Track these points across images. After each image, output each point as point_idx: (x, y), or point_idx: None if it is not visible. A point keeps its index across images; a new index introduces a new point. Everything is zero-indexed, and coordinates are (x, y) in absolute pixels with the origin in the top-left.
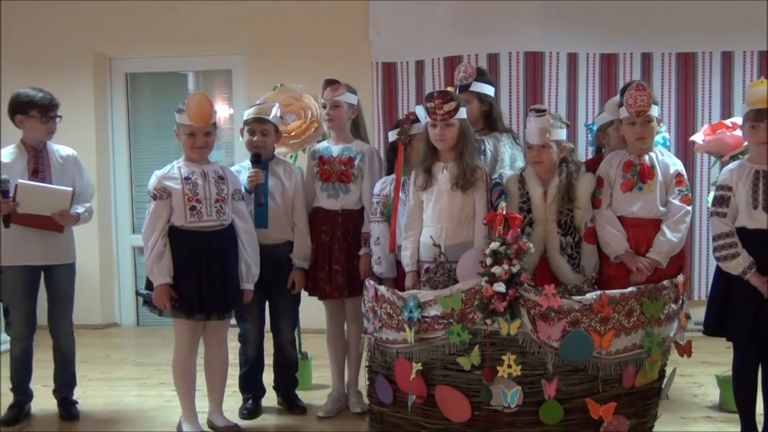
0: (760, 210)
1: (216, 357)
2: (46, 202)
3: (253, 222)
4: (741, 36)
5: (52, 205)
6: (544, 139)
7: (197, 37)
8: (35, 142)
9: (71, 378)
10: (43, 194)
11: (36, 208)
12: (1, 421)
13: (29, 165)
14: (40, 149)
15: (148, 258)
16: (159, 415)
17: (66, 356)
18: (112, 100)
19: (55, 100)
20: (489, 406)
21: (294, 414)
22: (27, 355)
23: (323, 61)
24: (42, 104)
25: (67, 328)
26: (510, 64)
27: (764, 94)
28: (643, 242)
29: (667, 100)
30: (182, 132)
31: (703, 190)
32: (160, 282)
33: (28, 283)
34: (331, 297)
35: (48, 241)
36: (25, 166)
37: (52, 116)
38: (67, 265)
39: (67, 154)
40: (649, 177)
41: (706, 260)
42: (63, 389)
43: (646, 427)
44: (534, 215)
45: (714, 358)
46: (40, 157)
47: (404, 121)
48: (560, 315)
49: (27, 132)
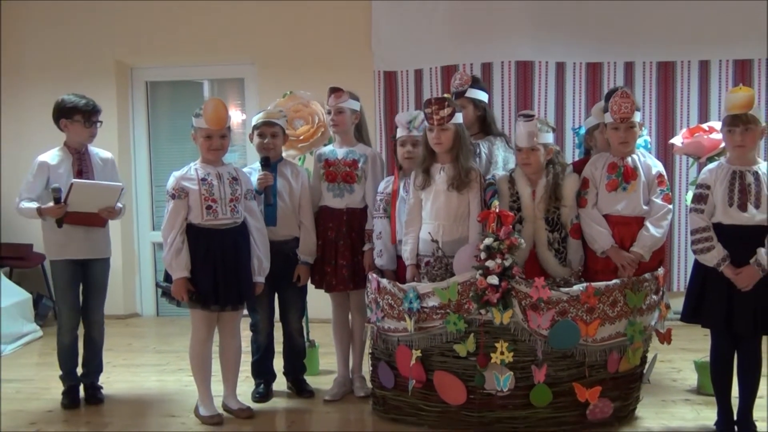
0: (735, 207)
1: (230, 345)
2: (96, 198)
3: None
4: (717, 46)
5: (101, 201)
6: (532, 142)
7: (212, 48)
8: (78, 144)
9: (99, 365)
10: (97, 191)
11: (85, 206)
12: (63, 405)
13: (74, 166)
14: (82, 152)
15: (168, 253)
16: (177, 399)
17: (96, 345)
18: (133, 106)
19: (97, 106)
20: (483, 390)
21: (302, 397)
22: (74, 344)
23: (329, 70)
24: (85, 110)
25: (99, 319)
26: (502, 72)
27: (741, 100)
28: (627, 238)
29: (648, 105)
30: (199, 135)
31: (682, 189)
32: (178, 276)
33: (72, 277)
34: (336, 289)
35: (89, 236)
36: (70, 167)
37: (94, 121)
38: (104, 260)
39: (106, 157)
40: (632, 178)
41: (684, 254)
42: (90, 375)
43: (629, 409)
44: (523, 213)
45: (692, 345)
46: (83, 159)
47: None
48: (549, 305)
49: (71, 135)
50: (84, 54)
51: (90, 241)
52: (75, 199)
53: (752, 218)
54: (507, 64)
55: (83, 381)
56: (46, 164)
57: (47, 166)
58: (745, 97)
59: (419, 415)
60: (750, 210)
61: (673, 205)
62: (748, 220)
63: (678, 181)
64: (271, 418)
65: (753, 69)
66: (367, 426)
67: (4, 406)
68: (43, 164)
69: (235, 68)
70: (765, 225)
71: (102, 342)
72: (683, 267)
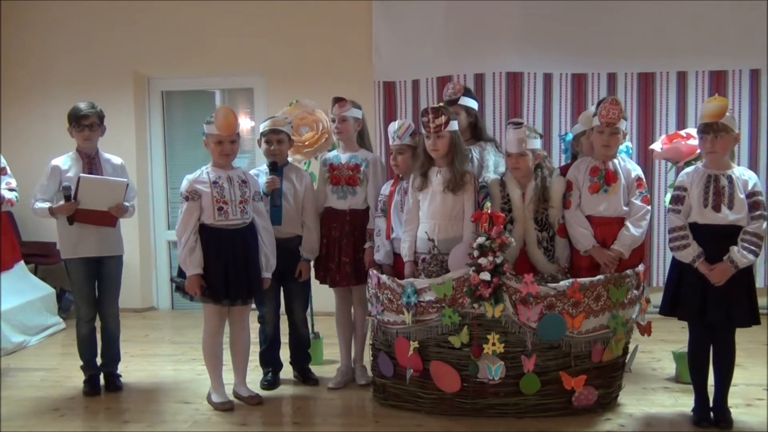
0: (709, 208)
1: (240, 336)
2: (104, 195)
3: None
4: (693, 58)
5: (109, 197)
6: (521, 148)
7: (224, 60)
8: (88, 149)
9: (116, 355)
10: (103, 186)
11: (95, 202)
12: (84, 392)
13: (83, 170)
14: (93, 156)
15: (182, 251)
16: (191, 387)
17: (112, 336)
18: (150, 114)
19: (81, 111)
20: (476, 379)
21: (307, 385)
22: (92, 335)
23: (332, 81)
24: (73, 115)
25: (114, 311)
26: (494, 82)
27: (713, 110)
28: (609, 237)
29: (630, 113)
30: (211, 141)
31: (661, 191)
32: (192, 272)
33: (88, 273)
34: (340, 285)
35: (102, 236)
36: (80, 171)
37: (84, 125)
38: (117, 257)
39: (116, 163)
40: (613, 180)
41: (663, 251)
42: (109, 365)
43: (612, 396)
44: (514, 214)
45: (670, 337)
46: (94, 163)
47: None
48: (538, 300)
49: (77, 141)
50: (105, 65)
51: (102, 239)
52: (84, 195)
53: (726, 218)
54: (498, 75)
55: (102, 370)
56: (58, 168)
57: (59, 169)
58: (717, 106)
59: (417, 401)
60: (724, 211)
61: (652, 207)
62: (722, 220)
63: (657, 185)
64: (278, 405)
65: (728, 79)
66: (368, 412)
67: (30, 394)
68: (55, 168)
69: (245, 79)
70: (737, 225)
71: (118, 333)
72: (662, 264)
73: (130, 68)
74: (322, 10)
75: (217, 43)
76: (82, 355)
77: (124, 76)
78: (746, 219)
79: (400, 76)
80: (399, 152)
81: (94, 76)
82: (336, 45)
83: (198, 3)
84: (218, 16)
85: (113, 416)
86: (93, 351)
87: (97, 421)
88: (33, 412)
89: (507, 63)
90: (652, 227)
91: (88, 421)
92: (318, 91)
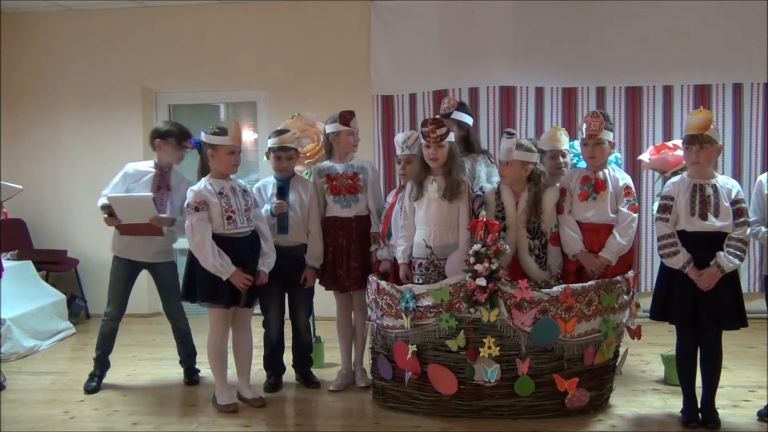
0: (696, 216)
1: (243, 340)
2: (137, 209)
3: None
4: (679, 72)
5: (144, 212)
6: (508, 157)
7: (228, 75)
8: (165, 163)
9: (192, 349)
10: (132, 202)
11: (135, 217)
12: (86, 389)
13: (154, 181)
14: (166, 171)
15: (210, 258)
16: (197, 389)
17: (182, 333)
18: None
19: (188, 132)
20: (472, 381)
21: (309, 388)
22: (113, 334)
23: (332, 94)
24: (177, 134)
25: (178, 312)
26: (488, 95)
27: (697, 122)
28: (596, 243)
29: (618, 125)
30: (222, 151)
31: (649, 200)
32: (231, 270)
33: (128, 274)
34: (351, 289)
35: (150, 243)
36: (150, 181)
37: (184, 145)
38: (168, 263)
39: (183, 177)
40: (602, 189)
41: (651, 258)
42: (187, 359)
43: (604, 398)
44: (507, 222)
45: (659, 340)
46: (165, 177)
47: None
48: (532, 305)
49: (161, 155)
50: (114, 80)
51: (149, 246)
52: (120, 212)
53: (712, 225)
54: (492, 89)
55: (182, 365)
56: (128, 173)
57: (129, 174)
58: (702, 119)
59: (415, 403)
60: (710, 218)
61: (640, 215)
62: (709, 227)
63: (645, 193)
64: (281, 407)
65: (711, 93)
66: (368, 414)
67: (41, 396)
68: (126, 173)
69: (248, 92)
70: (723, 231)
71: (188, 330)
72: (650, 269)
73: (138, 83)
74: (323, 27)
75: (222, 59)
76: (97, 347)
77: (132, 91)
78: (731, 226)
79: (398, 90)
80: (407, 162)
81: (104, 90)
82: (336, 60)
83: (204, 21)
84: (223, 33)
85: (121, 418)
86: (108, 348)
87: (106, 423)
88: (43, 414)
89: (500, 77)
90: (640, 235)
91: (96, 422)
92: (319, 104)
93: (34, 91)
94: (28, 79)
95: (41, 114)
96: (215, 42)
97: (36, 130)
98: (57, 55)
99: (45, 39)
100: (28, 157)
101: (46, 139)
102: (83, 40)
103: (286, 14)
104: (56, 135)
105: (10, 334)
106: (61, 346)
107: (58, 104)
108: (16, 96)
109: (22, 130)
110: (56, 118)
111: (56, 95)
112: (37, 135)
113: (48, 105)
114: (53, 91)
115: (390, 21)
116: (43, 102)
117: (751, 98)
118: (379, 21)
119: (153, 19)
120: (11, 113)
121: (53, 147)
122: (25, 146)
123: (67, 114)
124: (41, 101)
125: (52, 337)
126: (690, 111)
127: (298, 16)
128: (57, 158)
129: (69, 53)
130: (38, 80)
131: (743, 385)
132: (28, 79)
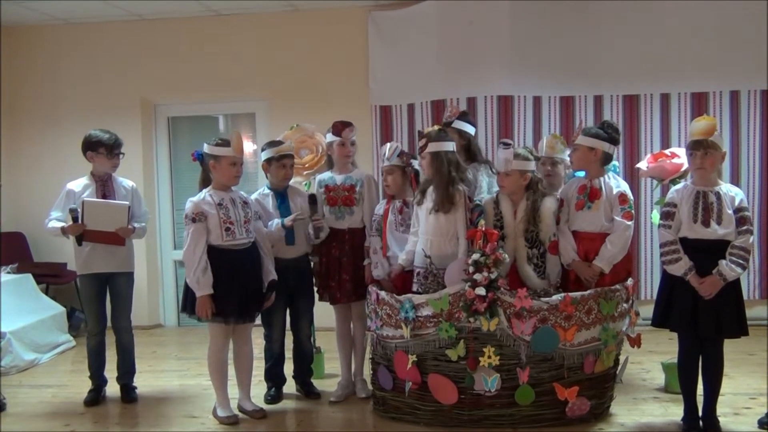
0: (699, 223)
1: (243, 352)
2: (108, 217)
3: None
4: (676, 81)
5: (114, 220)
6: (506, 167)
7: (227, 87)
8: (102, 173)
9: (131, 367)
10: (106, 209)
11: (101, 224)
12: (85, 402)
13: (98, 193)
14: (106, 180)
15: (194, 272)
16: (197, 401)
17: (125, 349)
18: (156, 138)
19: (119, 140)
20: (473, 391)
21: (310, 399)
22: (100, 348)
23: (331, 105)
24: (108, 143)
25: (127, 326)
26: (485, 105)
27: (702, 128)
28: (591, 252)
29: None
30: (225, 162)
31: (647, 208)
32: (203, 293)
33: (97, 289)
34: (340, 302)
35: (112, 253)
36: (94, 193)
37: (117, 153)
38: (127, 273)
39: (129, 186)
40: (596, 197)
41: (650, 266)
42: (125, 377)
43: (604, 406)
44: (505, 231)
45: (659, 348)
46: (107, 186)
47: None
48: (531, 314)
49: (96, 165)
50: (114, 93)
51: (112, 257)
52: (89, 217)
53: (715, 233)
54: (489, 99)
55: (119, 382)
56: (72, 191)
57: (73, 192)
58: (706, 125)
59: (415, 413)
60: (713, 226)
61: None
62: (711, 234)
63: (643, 201)
64: (281, 418)
65: (709, 101)
66: (369, 424)
67: (41, 409)
68: (69, 191)
69: (247, 104)
70: (726, 239)
71: (132, 347)
72: (650, 277)
73: (137, 95)
74: (321, 38)
75: (221, 71)
76: (89, 366)
77: (132, 103)
78: (734, 234)
79: (396, 100)
80: (388, 173)
81: (103, 103)
82: (334, 71)
83: (202, 33)
84: (221, 45)
85: (122, 431)
86: (99, 363)
87: None
88: (44, 427)
89: (498, 87)
90: (639, 243)
91: None
92: (317, 115)
93: (34, 104)
94: (29, 92)
95: (41, 127)
96: (214, 54)
97: (36, 142)
98: (57, 68)
99: (45, 52)
100: (28, 170)
101: (46, 151)
102: (83, 54)
103: (285, 26)
104: (56, 148)
105: (11, 348)
106: (61, 359)
107: (58, 117)
108: (16, 109)
109: (23, 143)
110: (56, 131)
111: (56, 108)
112: (38, 148)
113: (48, 118)
114: (53, 103)
115: (388, 31)
116: (42, 115)
117: (749, 106)
118: (378, 31)
119: (152, 32)
120: (11, 126)
121: (53, 160)
122: (25, 159)
123: (66, 127)
124: (41, 114)
125: (52, 350)
126: (687, 119)
127: (297, 28)
128: (57, 171)
129: (69, 66)
130: (38, 93)
131: (744, 393)
132: (29, 92)
